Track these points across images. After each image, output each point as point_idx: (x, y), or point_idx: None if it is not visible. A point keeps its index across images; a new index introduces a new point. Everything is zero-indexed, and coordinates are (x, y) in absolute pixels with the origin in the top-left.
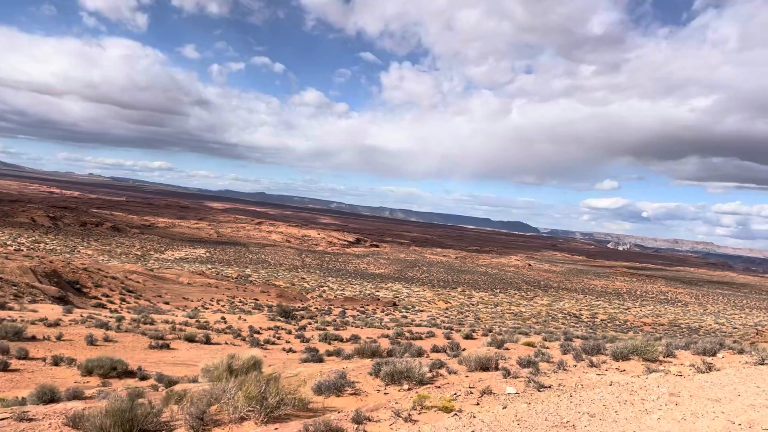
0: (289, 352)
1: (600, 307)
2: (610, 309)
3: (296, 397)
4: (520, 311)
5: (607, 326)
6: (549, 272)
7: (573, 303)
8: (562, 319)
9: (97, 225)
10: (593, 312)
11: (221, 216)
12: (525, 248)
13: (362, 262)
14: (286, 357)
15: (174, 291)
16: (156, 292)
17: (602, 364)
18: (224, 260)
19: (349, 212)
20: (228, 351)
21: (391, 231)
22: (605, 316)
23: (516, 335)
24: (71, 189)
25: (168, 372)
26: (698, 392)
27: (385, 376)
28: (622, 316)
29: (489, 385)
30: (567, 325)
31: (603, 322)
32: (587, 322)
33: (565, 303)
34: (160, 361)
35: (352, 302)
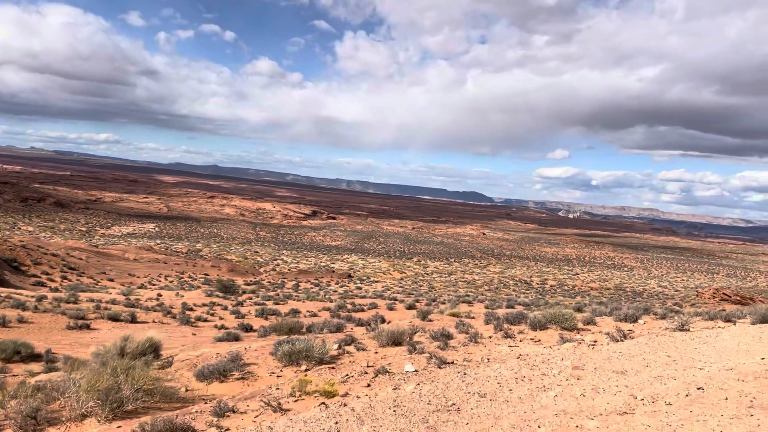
0: (221, 329)
1: (550, 273)
2: (559, 275)
3: (158, 387)
4: (473, 279)
5: (556, 292)
6: (502, 241)
7: (524, 270)
8: (513, 286)
9: (39, 201)
10: (543, 278)
11: (172, 190)
12: (480, 218)
13: (318, 235)
14: (208, 335)
15: (119, 267)
16: (100, 269)
17: (519, 334)
18: (174, 235)
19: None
20: (153, 330)
21: (348, 203)
22: (554, 282)
23: (459, 304)
24: (12, 164)
25: (81, 354)
26: (604, 364)
27: (282, 356)
28: (570, 282)
29: (390, 363)
30: (517, 291)
31: (552, 288)
32: (537, 288)
33: (516, 270)
34: (75, 342)
35: (307, 275)
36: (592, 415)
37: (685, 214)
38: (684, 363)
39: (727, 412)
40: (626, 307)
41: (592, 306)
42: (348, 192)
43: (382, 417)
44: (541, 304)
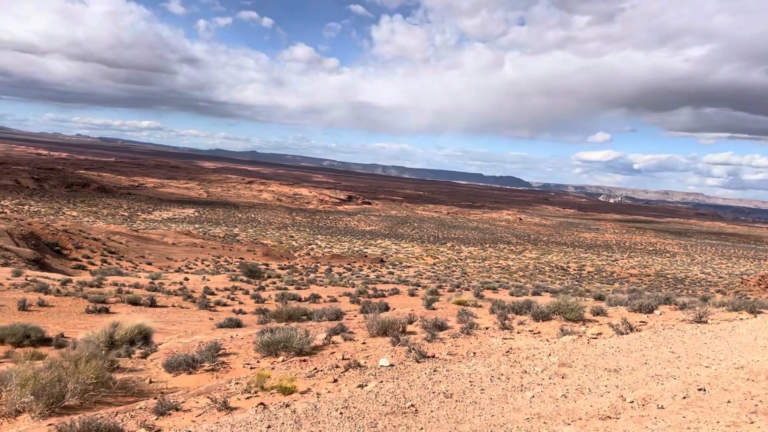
0: (238, 314)
1: (588, 259)
2: (598, 261)
3: (107, 381)
4: (507, 265)
5: (594, 278)
6: (539, 226)
7: (561, 256)
8: (549, 272)
9: (84, 186)
10: (581, 264)
11: (212, 176)
12: (517, 203)
13: (353, 220)
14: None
15: (158, 251)
16: (139, 253)
17: (519, 325)
18: (213, 220)
19: (342, 170)
20: (172, 314)
21: (383, 188)
22: (592, 269)
23: (483, 289)
24: (59, 150)
25: None
26: (596, 361)
27: (261, 346)
28: (609, 268)
29: (369, 356)
30: (553, 278)
31: (589, 274)
32: (574, 275)
33: (553, 256)
34: (91, 326)
35: (340, 259)
36: (569, 419)
37: (732, 198)
38: (689, 360)
39: (725, 418)
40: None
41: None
42: (383, 177)
43: (324, 420)
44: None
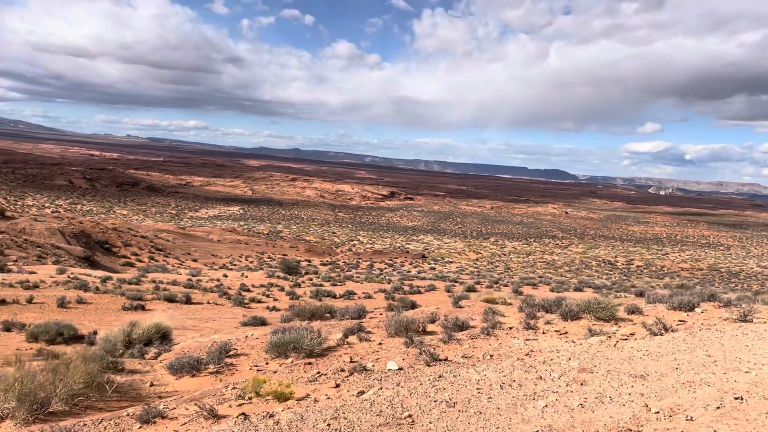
0: (272, 311)
1: (637, 253)
2: (647, 255)
3: (100, 384)
4: (552, 260)
5: (643, 272)
6: (586, 220)
7: (609, 250)
8: (595, 267)
9: (133, 185)
10: (629, 258)
11: (256, 173)
12: (563, 196)
13: (395, 215)
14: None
15: (203, 248)
16: (185, 250)
17: (545, 325)
18: (257, 217)
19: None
20: (206, 311)
21: (426, 183)
22: (641, 263)
23: (522, 285)
24: (110, 151)
25: None
26: (621, 366)
27: (270, 347)
28: (659, 262)
29: (379, 358)
30: (600, 273)
31: (638, 269)
32: (622, 269)
33: (600, 250)
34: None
35: (381, 255)
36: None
37: None
38: (726, 364)
39: (763, 431)
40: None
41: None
42: (426, 172)
43: None
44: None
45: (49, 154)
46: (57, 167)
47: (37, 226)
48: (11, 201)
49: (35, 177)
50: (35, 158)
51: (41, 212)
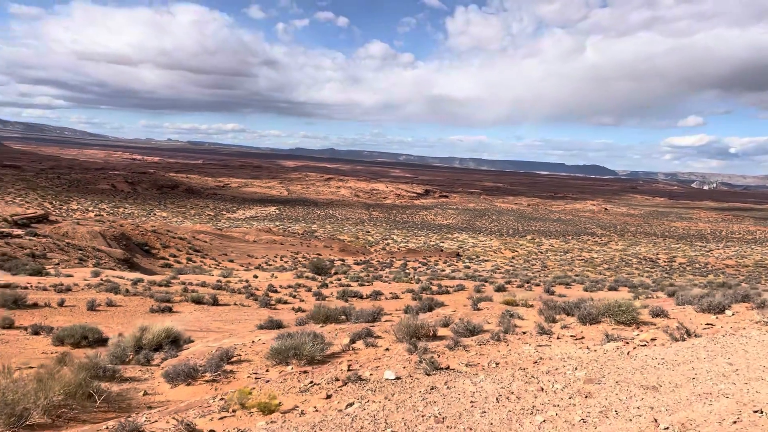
0: (298, 312)
1: (680, 250)
2: (690, 252)
3: (84, 394)
4: (591, 257)
5: (685, 270)
6: (626, 216)
7: (650, 247)
8: (636, 264)
9: (173, 188)
10: (671, 256)
11: (292, 174)
12: (602, 192)
13: (429, 214)
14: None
15: (239, 249)
16: (222, 251)
17: (562, 329)
18: (293, 217)
19: (420, 164)
20: (232, 313)
21: (460, 181)
22: (684, 260)
23: (555, 285)
24: (152, 155)
25: None
26: (632, 376)
27: (271, 354)
28: (702, 259)
29: (378, 366)
30: (640, 270)
31: (681, 266)
32: (664, 267)
33: (641, 247)
34: None
35: (415, 254)
36: None
37: None
38: (749, 374)
39: None
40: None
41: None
42: (461, 170)
43: None
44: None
45: (93, 160)
46: (100, 172)
47: (80, 229)
48: (56, 205)
49: (79, 182)
50: (80, 163)
51: (85, 216)
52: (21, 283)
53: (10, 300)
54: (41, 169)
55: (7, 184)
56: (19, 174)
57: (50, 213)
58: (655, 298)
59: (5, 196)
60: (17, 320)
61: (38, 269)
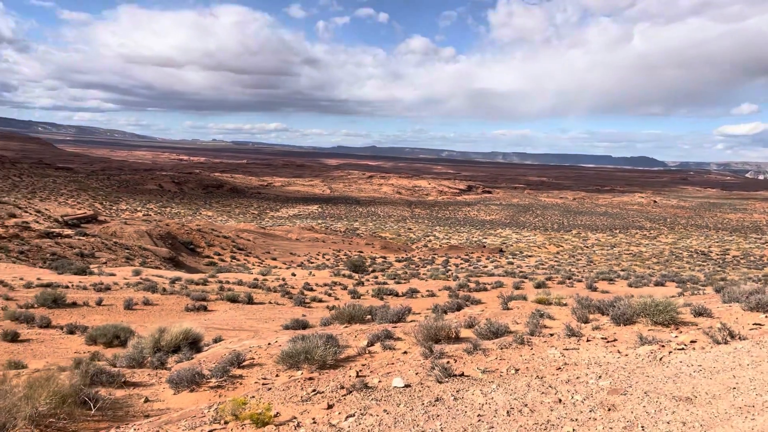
0: (331, 310)
1: (733, 242)
2: (745, 245)
3: (75, 403)
4: (639, 251)
5: (740, 263)
6: (677, 208)
7: (702, 240)
8: (687, 258)
9: (218, 188)
10: (725, 249)
11: (334, 172)
12: (651, 184)
13: (472, 210)
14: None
15: (282, 247)
16: (265, 249)
17: (594, 330)
18: (335, 215)
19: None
20: (266, 311)
21: (504, 176)
22: (738, 253)
23: (598, 281)
24: (197, 155)
25: None
26: (663, 386)
27: (281, 358)
28: (758, 251)
29: (390, 372)
30: (691, 264)
31: (734, 259)
32: (716, 260)
33: (692, 240)
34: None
35: (457, 250)
36: None
37: None
38: None
39: None
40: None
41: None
42: (504, 164)
43: None
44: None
45: (141, 161)
46: (148, 173)
47: (127, 229)
48: (106, 206)
49: (128, 182)
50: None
51: (133, 215)
52: (63, 282)
53: (49, 299)
54: (92, 171)
55: (60, 186)
56: (71, 176)
57: (100, 213)
58: (701, 295)
59: (58, 198)
60: (55, 319)
61: (83, 268)
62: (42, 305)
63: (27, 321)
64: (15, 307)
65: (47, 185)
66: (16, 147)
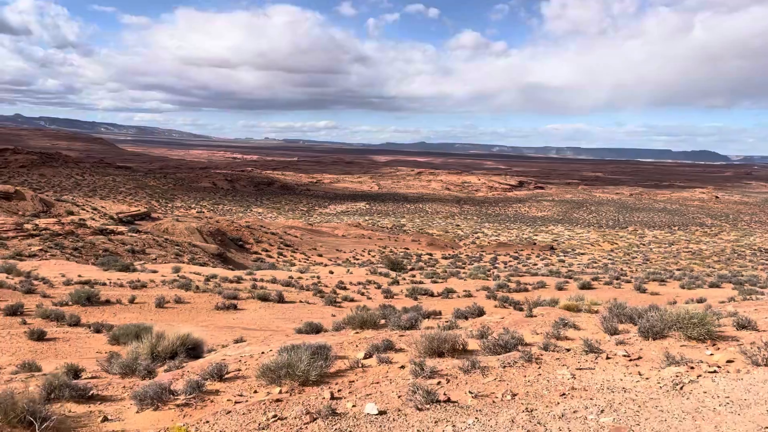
0: (362, 310)
1: None
2: None
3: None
4: (699, 249)
5: None
6: (740, 204)
7: (767, 237)
8: (750, 257)
9: (269, 185)
10: None
11: (383, 169)
12: (712, 179)
13: (523, 206)
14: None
15: (328, 243)
16: (311, 245)
17: (618, 345)
18: (382, 211)
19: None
20: (296, 311)
21: (557, 171)
22: None
23: (648, 282)
24: (250, 153)
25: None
26: (680, 425)
27: (262, 372)
28: None
29: (370, 393)
30: (754, 263)
31: None
32: None
33: (756, 238)
34: (211, 324)
35: (506, 248)
36: None
37: None
38: None
39: None
40: None
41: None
42: (557, 159)
43: None
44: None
45: (197, 160)
46: (203, 171)
47: (179, 225)
48: (162, 203)
49: (183, 180)
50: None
51: (187, 212)
52: (102, 279)
53: (83, 297)
54: (150, 170)
55: (120, 184)
56: (130, 174)
57: (154, 210)
58: (754, 300)
59: (117, 196)
60: (86, 317)
61: (126, 265)
62: (76, 303)
63: (57, 319)
64: (50, 304)
65: (107, 184)
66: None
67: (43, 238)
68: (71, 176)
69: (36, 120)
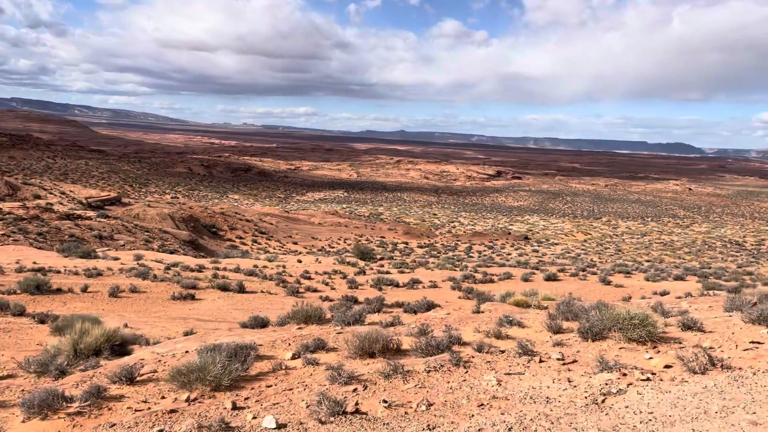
0: (325, 301)
1: None
2: None
3: None
4: (671, 240)
5: None
6: (712, 196)
7: (737, 229)
8: (720, 248)
9: (246, 171)
10: (760, 239)
11: (363, 156)
12: (686, 172)
13: (500, 196)
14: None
15: (304, 231)
16: (287, 233)
17: (554, 347)
18: (360, 200)
19: (492, 144)
20: (257, 301)
21: (535, 161)
22: None
23: (613, 274)
24: (228, 139)
25: (157, 331)
26: None
27: (172, 376)
28: None
29: (276, 402)
30: (724, 255)
31: None
32: (751, 251)
33: (727, 230)
34: (165, 316)
35: (481, 237)
36: None
37: None
38: None
39: None
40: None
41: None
42: (535, 150)
43: None
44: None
45: (174, 144)
46: (179, 156)
47: (150, 211)
48: (136, 188)
49: (159, 165)
50: (162, 148)
51: (161, 198)
52: (57, 266)
53: (32, 285)
54: (124, 154)
55: (92, 168)
56: (104, 158)
57: (126, 195)
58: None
59: (89, 180)
60: (33, 307)
61: (88, 252)
62: (24, 291)
63: (1, 308)
64: None
65: (79, 167)
66: (53, 129)
67: (6, 222)
68: (42, 159)
69: (8, 101)
